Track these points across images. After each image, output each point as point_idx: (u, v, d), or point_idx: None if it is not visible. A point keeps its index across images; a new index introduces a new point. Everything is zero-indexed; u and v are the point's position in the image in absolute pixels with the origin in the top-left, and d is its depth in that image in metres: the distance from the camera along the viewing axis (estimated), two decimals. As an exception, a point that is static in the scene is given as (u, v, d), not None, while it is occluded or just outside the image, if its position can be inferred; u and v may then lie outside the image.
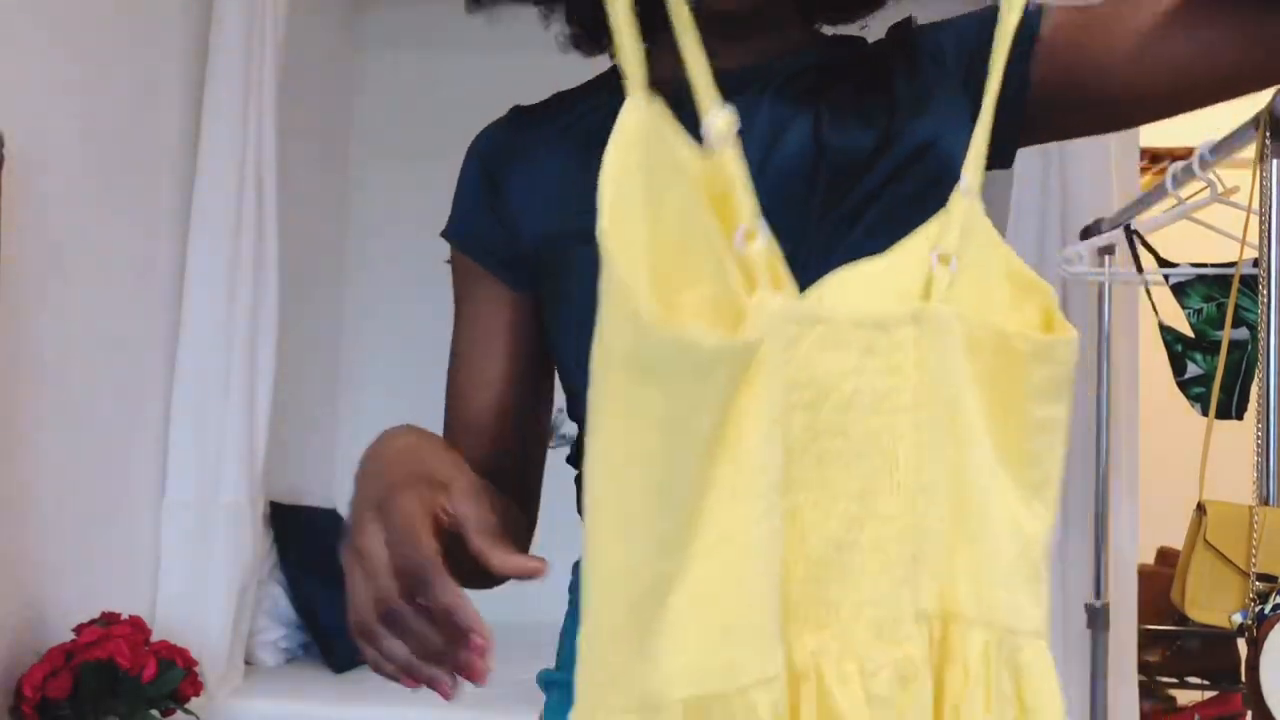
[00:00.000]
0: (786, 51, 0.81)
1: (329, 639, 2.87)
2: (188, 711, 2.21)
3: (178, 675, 2.18)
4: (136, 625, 2.19)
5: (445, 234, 0.89)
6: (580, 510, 0.80)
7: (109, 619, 2.18)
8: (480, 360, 0.86)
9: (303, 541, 3.02)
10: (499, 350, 0.86)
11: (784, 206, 0.69)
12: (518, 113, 0.88)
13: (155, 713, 2.15)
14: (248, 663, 2.77)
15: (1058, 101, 0.76)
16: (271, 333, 2.73)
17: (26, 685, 2.01)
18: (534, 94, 0.90)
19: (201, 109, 2.66)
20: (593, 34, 0.86)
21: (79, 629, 2.14)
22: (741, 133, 0.70)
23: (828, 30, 0.87)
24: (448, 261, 0.90)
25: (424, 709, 2.56)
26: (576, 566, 0.82)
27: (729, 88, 0.75)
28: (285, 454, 3.06)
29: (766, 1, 0.77)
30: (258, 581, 2.78)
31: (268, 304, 2.72)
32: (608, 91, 0.82)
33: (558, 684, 0.82)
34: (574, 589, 0.82)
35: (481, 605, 0.62)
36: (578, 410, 0.80)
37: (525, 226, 0.83)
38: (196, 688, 2.23)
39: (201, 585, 2.55)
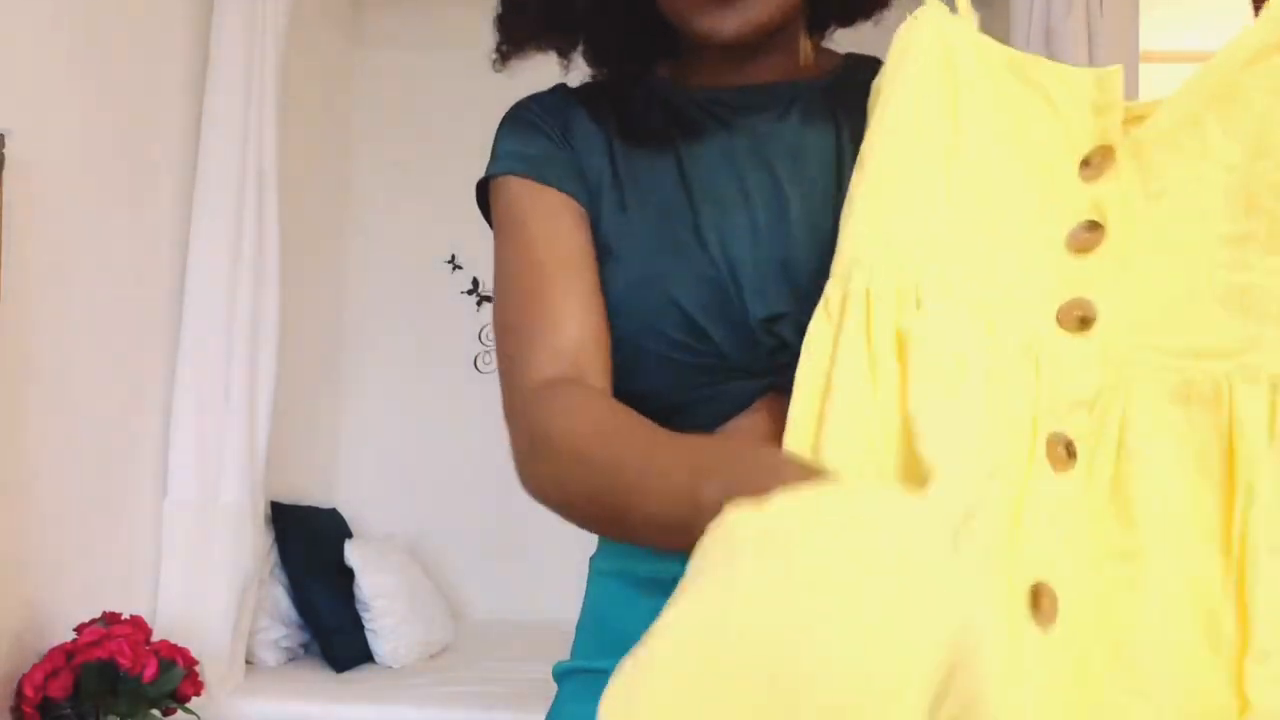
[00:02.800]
0: (804, 72, 0.83)
1: (329, 638, 2.87)
2: (188, 711, 2.21)
3: (178, 675, 2.18)
4: (137, 625, 2.20)
5: (500, 170, 0.82)
6: None
7: (110, 619, 2.19)
8: (574, 279, 0.77)
9: (303, 541, 3.03)
10: (589, 269, 0.79)
11: (810, 236, 0.74)
12: (566, 88, 0.87)
13: (156, 712, 2.15)
14: (248, 662, 2.78)
15: None
16: (272, 333, 2.73)
17: (27, 685, 2.01)
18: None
19: (202, 109, 2.66)
20: (612, 61, 0.87)
21: (80, 629, 2.14)
22: (768, 156, 0.78)
23: (844, 47, 0.88)
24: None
25: (424, 708, 2.56)
26: (592, 561, 0.84)
27: (753, 106, 0.81)
28: (285, 454, 3.07)
29: (774, 27, 0.78)
30: (258, 581, 2.79)
31: (268, 304, 2.72)
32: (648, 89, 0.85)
33: (572, 673, 0.82)
34: (592, 579, 0.84)
35: (489, 605, 0.62)
36: None
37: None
38: (197, 687, 2.24)
39: (202, 585, 2.55)
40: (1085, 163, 0.65)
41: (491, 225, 0.84)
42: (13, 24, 2.05)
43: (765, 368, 0.74)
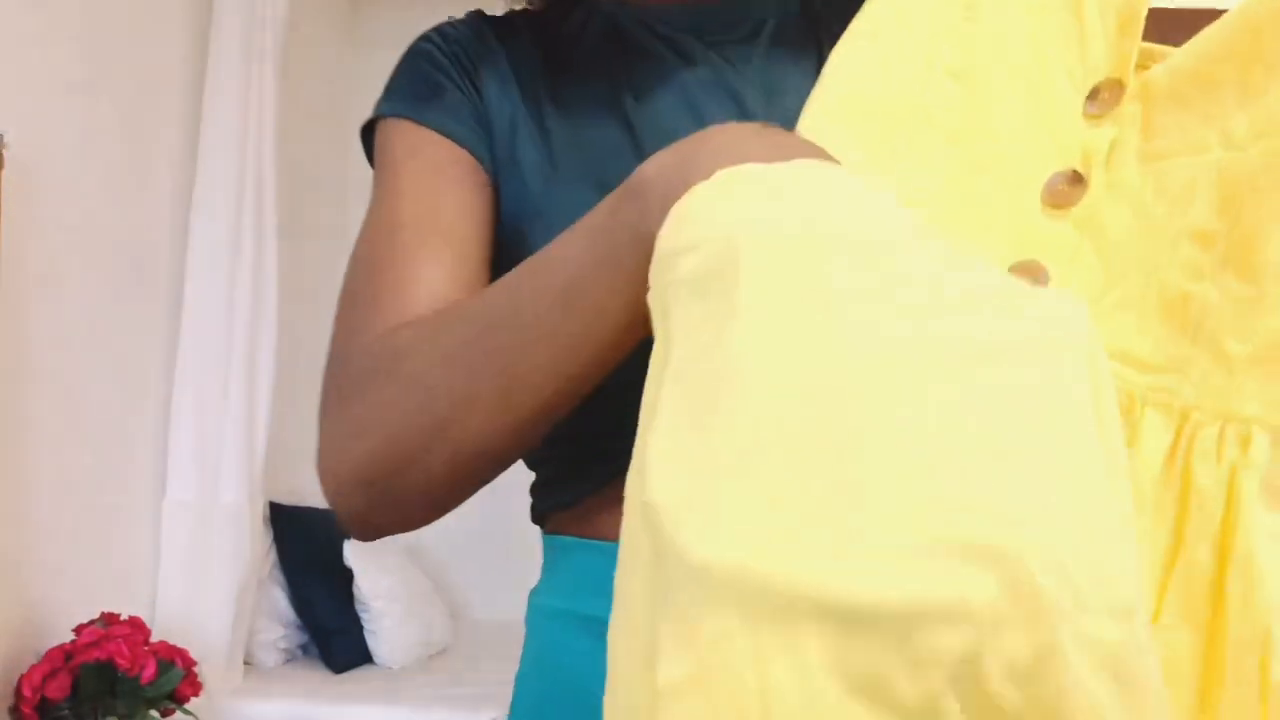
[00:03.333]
0: None
1: (328, 639, 2.87)
2: (187, 712, 2.21)
3: (177, 675, 2.18)
4: (136, 625, 2.19)
5: (379, 111, 0.69)
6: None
7: (108, 619, 2.18)
8: (444, 248, 0.62)
9: (302, 542, 3.02)
10: (472, 238, 0.64)
11: None
12: (484, 17, 0.73)
13: (155, 713, 2.15)
14: (247, 663, 2.77)
15: None
16: (271, 333, 2.73)
17: (26, 685, 2.01)
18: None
19: (201, 109, 2.66)
20: None
21: (78, 629, 2.14)
22: (735, 87, 0.66)
23: None
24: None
25: (422, 709, 2.56)
26: (531, 597, 0.69)
27: (715, 27, 0.68)
28: (285, 454, 3.06)
29: None
30: (257, 582, 2.79)
31: (267, 304, 2.72)
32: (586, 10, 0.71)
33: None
34: (533, 621, 0.68)
35: (489, 605, 0.62)
36: None
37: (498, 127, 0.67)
38: (196, 688, 2.23)
39: (201, 586, 2.55)
40: (1093, 95, 0.56)
41: None
42: (12, 24, 2.05)
43: None
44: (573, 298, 0.49)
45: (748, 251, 0.38)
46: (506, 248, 0.65)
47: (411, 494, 0.56)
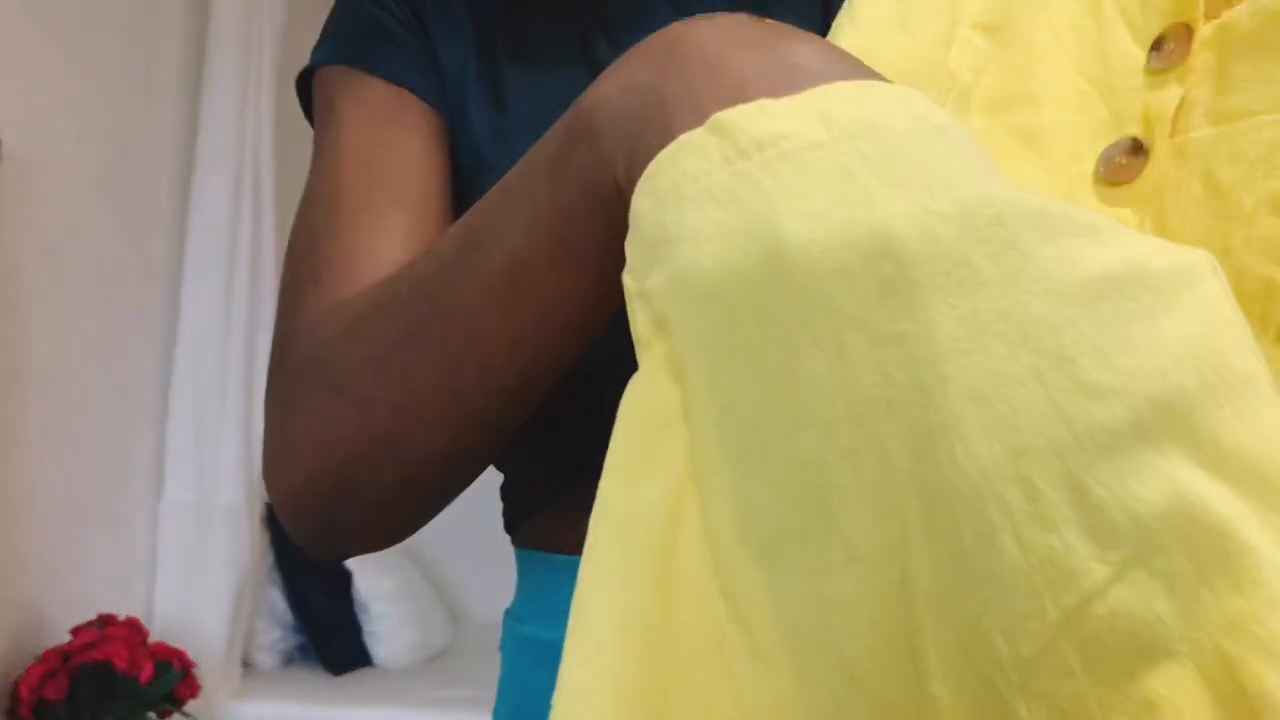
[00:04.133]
0: None
1: (326, 641, 2.86)
2: (185, 714, 2.20)
3: (175, 677, 2.17)
4: (134, 627, 2.19)
5: (316, 59, 0.60)
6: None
7: (106, 620, 2.18)
8: (393, 211, 0.53)
9: (301, 543, 3.02)
10: (427, 196, 0.55)
11: None
12: None
13: (152, 714, 2.14)
14: (245, 664, 2.76)
15: None
16: (269, 333, 2.72)
17: (23, 687, 2.00)
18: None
19: (199, 109, 2.66)
20: None
21: (76, 630, 2.13)
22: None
23: None
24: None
25: (422, 711, 2.55)
26: (507, 615, 0.62)
27: None
28: (283, 455, 3.06)
29: None
30: (255, 583, 2.78)
31: (265, 303, 2.72)
32: None
33: None
34: (509, 640, 0.60)
35: (488, 607, 0.60)
36: None
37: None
38: (194, 689, 2.23)
39: (199, 587, 2.54)
40: (1157, 45, 0.45)
41: None
42: (10, 24, 2.04)
43: None
44: (516, 287, 0.40)
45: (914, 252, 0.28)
46: (461, 202, 0.56)
47: (369, 514, 0.47)
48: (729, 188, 0.30)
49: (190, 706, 2.22)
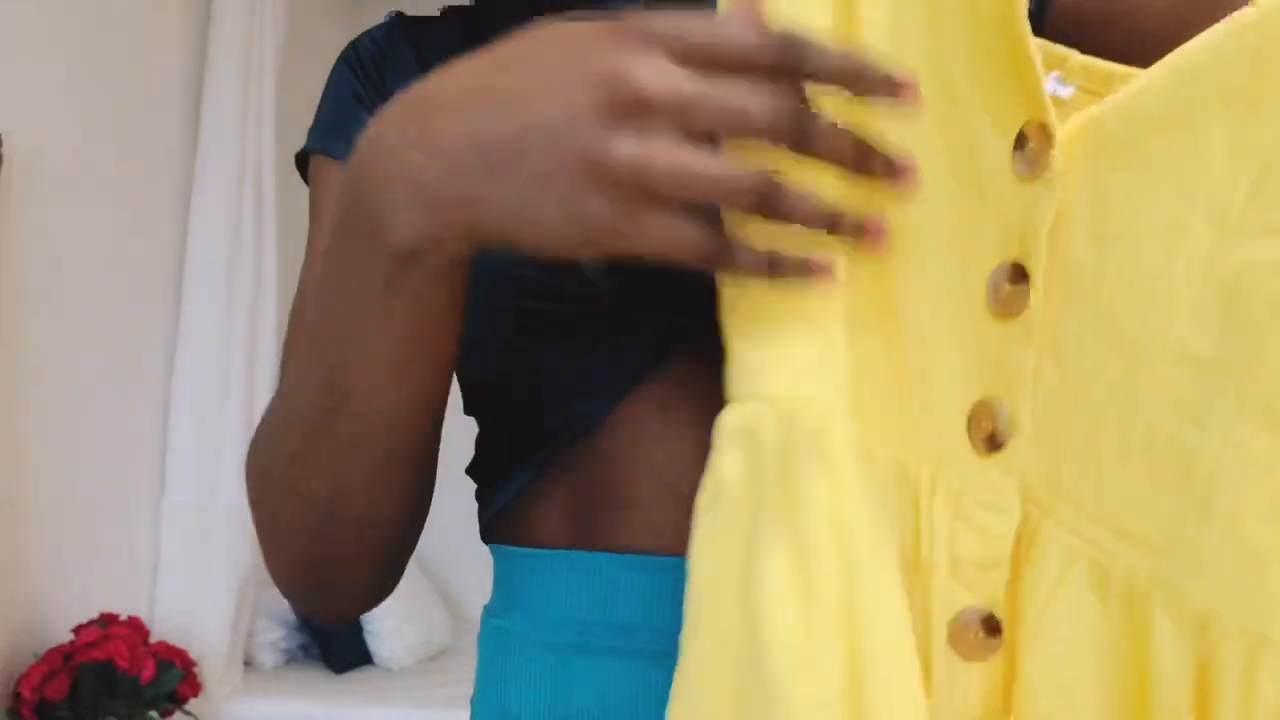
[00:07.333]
0: None
1: (328, 640, 2.86)
2: (186, 713, 2.21)
3: (176, 676, 2.17)
4: (135, 626, 2.19)
5: (313, 145, 0.64)
6: None
7: (108, 620, 2.18)
8: None
9: (302, 542, 3.02)
10: None
11: None
12: (403, 20, 0.67)
13: (154, 714, 2.15)
14: (246, 664, 2.77)
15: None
16: (270, 332, 2.73)
17: (25, 686, 2.00)
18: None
19: (201, 109, 2.66)
20: None
21: (78, 630, 2.13)
22: None
23: None
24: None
25: (422, 710, 2.56)
26: (485, 611, 0.63)
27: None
28: (284, 455, 3.06)
29: None
30: (257, 582, 2.78)
31: (266, 303, 2.72)
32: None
33: None
34: (486, 635, 0.62)
35: (482, 603, 0.61)
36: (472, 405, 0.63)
37: None
38: (195, 689, 2.23)
39: (200, 586, 2.55)
40: (1019, 144, 0.39)
41: None
42: (12, 24, 2.04)
43: (662, 316, 0.53)
44: (367, 369, 0.46)
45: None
46: None
47: (347, 582, 0.54)
48: None
49: (192, 705, 2.23)
